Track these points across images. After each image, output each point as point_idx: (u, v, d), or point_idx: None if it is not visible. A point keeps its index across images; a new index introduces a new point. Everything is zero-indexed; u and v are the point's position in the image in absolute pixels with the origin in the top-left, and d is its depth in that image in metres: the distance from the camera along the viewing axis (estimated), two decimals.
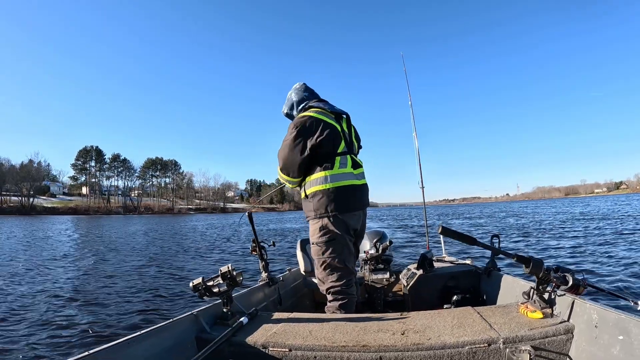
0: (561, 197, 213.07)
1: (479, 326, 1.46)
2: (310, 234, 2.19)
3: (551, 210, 34.72)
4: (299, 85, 2.40)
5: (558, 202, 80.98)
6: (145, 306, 4.82)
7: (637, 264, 6.49)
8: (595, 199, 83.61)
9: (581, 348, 1.32)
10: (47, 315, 4.44)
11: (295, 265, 3.28)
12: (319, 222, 2.10)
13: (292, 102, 2.36)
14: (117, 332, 3.74)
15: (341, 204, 2.09)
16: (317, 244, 2.12)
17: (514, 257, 1.49)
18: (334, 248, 2.10)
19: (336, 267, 2.11)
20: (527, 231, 14.39)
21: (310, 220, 2.16)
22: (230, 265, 1.74)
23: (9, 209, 73.48)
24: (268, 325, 1.69)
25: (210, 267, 8.45)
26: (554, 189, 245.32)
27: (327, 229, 2.08)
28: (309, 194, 2.13)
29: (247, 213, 2.66)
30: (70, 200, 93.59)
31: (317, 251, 2.14)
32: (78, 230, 25.41)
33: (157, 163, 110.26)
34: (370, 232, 3.07)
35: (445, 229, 1.54)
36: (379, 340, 1.42)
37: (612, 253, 7.80)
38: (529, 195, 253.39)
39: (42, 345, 3.43)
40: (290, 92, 2.40)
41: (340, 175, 2.12)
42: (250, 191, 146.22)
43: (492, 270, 2.45)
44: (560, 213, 27.33)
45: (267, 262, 2.65)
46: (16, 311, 4.67)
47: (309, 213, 2.16)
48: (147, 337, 1.45)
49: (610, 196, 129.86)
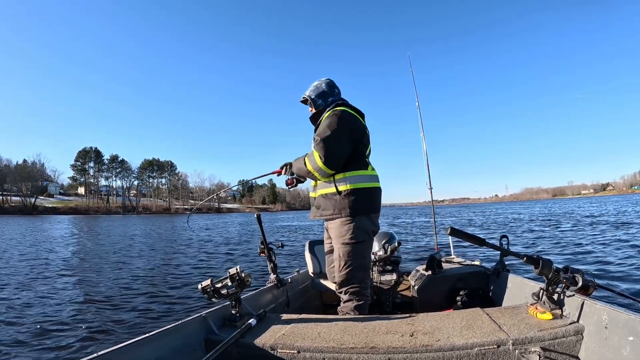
0: (549, 198, 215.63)
1: (488, 327, 1.46)
2: (338, 234, 2.10)
3: (550, 210, 34.94)
4: (329, 80, 2.34)
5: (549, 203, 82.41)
6: (153, 308, 4.81)
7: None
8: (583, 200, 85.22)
9: (591, 349, 1.32)
10: (56, 316, 4.42)
11: (303, 266, 3.26)
12: (353, 222, 2.06)
13: (323, 91, 2.28)
14: (126, 334, 3.72)
15: (374, 205, 2.13)
16: (349, 244, 2.06)
17: (523, 257, 1.49)
18: (364, 249, 2.10)
19: (361, 268, 2.11)
20: (535, 231, 14.53)
21: (339, 219, 2.08)
22: (238, 267, 1.74)
23: (12, 209, 74.02)
24: (276, 327, 1.69)
25: (214, 268, 8.40)
26: (541, 190, 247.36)
27: (361, 230, 2.07)
28: (342, 190, 2.06)
29: (256, 215, 2.65)
30: (69, 200, 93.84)
31: (347, 252, 2.07)
32: (84, 230, 25.47)
33: (154, 164, 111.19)
34: (378, 233, 3.08)
35: (454, 230, 1.55)
36: (387, 342, 1.42)
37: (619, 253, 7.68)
38: (518, 196, 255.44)
39: (50, 347, 3.41)
40: (321, 82, 2.32)
41: (373, 177, 2.16)
42: (242, 192, 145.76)
43: (501, 271, 2.44)
44: (562, 213, 27.37)
45: (275, 263, 2.63)
46: (19, 310, 4.67)
47: (339, 211, 2.07)
48: (156, 339, 1.45)
49: (597, 197, 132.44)
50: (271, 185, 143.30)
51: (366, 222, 2.10)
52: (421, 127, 4.19)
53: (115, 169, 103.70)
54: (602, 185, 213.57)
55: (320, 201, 2.18)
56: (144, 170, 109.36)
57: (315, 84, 2.33)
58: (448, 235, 1.60)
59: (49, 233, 21.21)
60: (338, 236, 2.11)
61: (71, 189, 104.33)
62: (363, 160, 2.16)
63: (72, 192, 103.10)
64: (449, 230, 1.57)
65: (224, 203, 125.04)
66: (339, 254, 2.12)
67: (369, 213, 2.11)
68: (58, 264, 9.06)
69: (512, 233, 13.88)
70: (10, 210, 73.24)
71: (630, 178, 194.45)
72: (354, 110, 2.20)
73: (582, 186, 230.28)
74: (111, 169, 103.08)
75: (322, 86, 2.30)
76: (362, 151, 2.16)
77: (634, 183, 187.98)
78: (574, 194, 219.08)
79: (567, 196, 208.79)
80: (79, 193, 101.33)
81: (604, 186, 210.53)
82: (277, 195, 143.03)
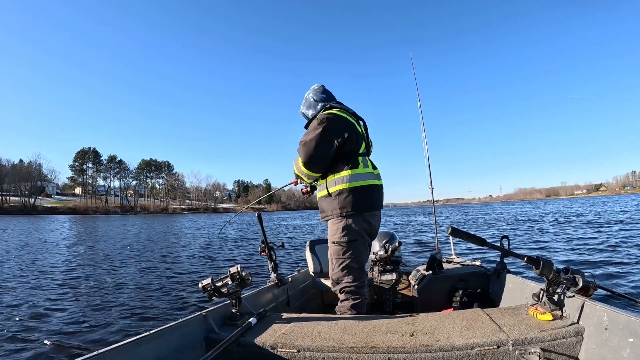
0: (542, 198, 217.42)
1: (488, 328, 1.46)
2: (330, 233, 2.14)
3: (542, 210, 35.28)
4: (318, 87, 2.38)
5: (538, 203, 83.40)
6: (154, 306, 4.80)
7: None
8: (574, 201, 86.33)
9: (591, 350, 1.32)
10: (56, 315, 4.40)
11: (304, 266, 3.26)
12: (343, 222, 2.07)
13: (311, 102, 2.34)
14: (126, 332, 3.71)
15: (366, 203, 2.10)
16: (339, 243, 2.08)
17: (524, 258, 1.49)
18: (355, 248, 2.09)
19: (354, 267, 2.10)
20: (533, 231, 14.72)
21: (332, 220, 2.11)
22: (239, 266, 1.74)
23: (12, 209, 74.00)
24: (277, 326, 1.69)
25: (214, 267, 8.37)
26: (535, 190, 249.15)
27: (350, 229, 2.07)
28: (332, 192, 2.08)
29: (257, 214, 2.64)
30: (67, 200, 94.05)
31: (337, 251, 2.10)
32: (86, 230, 25.54)
33: (152, 164, 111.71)
34: (379, 232, 3.07)
35: (455, 230, 1.55)
36: (387, 342, 1.42)
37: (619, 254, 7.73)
38: (511, 197, 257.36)
39: (50, 346, 3.39)
40: (308, 93, 2.38)
41: (364, 175, 2.13)
42: (238, 192, 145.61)
43: (501, 271, 2.43)
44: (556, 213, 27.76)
45: (276, 262, 2.63)
46: (23, 309, 4.66)
47: (331, 212, 2.10)
48: (156, 337, 1.45)
49: (589, 197, 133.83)
50: (266, 186, 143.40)
51: (358, 220, 2.08)
52: (423, 128, 4.17)
53: (113, 169, 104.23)
54: (595, 186, 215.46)
55: (320, 203, 2.21)
56: (141, 171, 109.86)
57: (305, 96, 2.39)
58: (449, 235, 1.60)
59: (57, 233, 21.27)
60: (330, 235, 2.14)
61: (68, 189, 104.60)
62: (354, 159, 2.13)
63: (69, 192, 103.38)
64: (449, 230, 1.56)
65: (220, 203, 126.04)
66: (330, 252, 2.15)
67: (363, 212, 2.08)
68: (60, 263, 9.09)
69: (483, 232, 15.20)
70: (10, 210, 73.21)
71: (623, 179, 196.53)
72: (343, 111, 2.20)
73: (575, 187, 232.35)
74: (109, 169, 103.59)
75: (309, 98, 2.36)
76: (352, 150, 2.14)
77: (626, 183, 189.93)
78: (567, 194, 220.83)
79: (560, 196, 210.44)
80: (75, 193, 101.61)
81: (597, 187, 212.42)
82: (272, 195, 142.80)
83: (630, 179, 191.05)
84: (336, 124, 2.10)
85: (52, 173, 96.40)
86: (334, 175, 2.11)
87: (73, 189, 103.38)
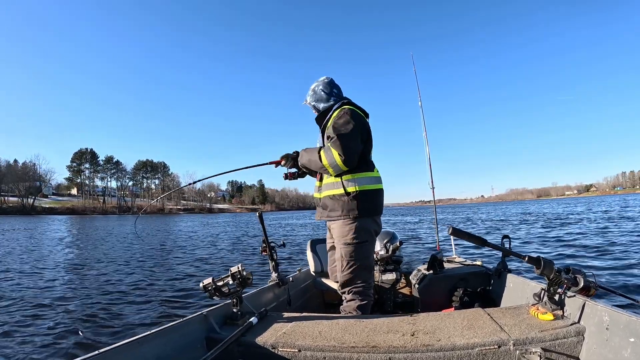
0: (533, 198, 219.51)
1: (489, 328, 1.46)
2: (340, 234, 2.09)
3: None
4: (327, 79, 2.30)
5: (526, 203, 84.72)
6: (155, 306, 4.78)
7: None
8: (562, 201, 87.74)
9: (592, 350, 1.32)
10: (57, 315, 4.38)
11: (305, 265, 3.25)
12: (356, 223, 2.05)
13: (321, 95, 2.26)
14: (127, 332, 3.70)
15: (379, 207, 2.14)
16: (351, 244, 2.05)
17: (525, 258, 1.49)
18: (367, 250, 2.10)
19: (365, 268, 2.10)
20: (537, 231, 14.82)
21: (344, 220, 2.06)
22: (240, 265, 1.74)
23: (10, 209, 73.85)
24: (278, 325, 1.68)
25: (214, 266, 8.36)
26: (526, 190, 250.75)
27: (364, 230, 2.06)
28: (351, 192, 2.03)
29: (258, 213, 2.62)
30: (65, 201, 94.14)
31: (349, 252, 2.06)
32: (86, 230, 25.62)
33: (148, 165, 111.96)
34: (380, 232, 3.07)
35: (456, 230, 1.55)
36: (388, 341, 1.42)
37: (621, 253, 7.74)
38: (503, 197, 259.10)
39: (50, 345, 3.37)
40: (317, 85, 2.29)
41: (378, 179, 2.16)
42: (232, 192, 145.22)
43: (502, 271, 2.43)
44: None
45: (277, 262, 2.62)
46: (23, 309, 4.64)
47: (347, 212, 2.05)
48: (157, 337, 1.44)
49: (579, 198, 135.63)
50: (260, 186, 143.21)
51: (370, 222, 2.10)
52: (424, 127, 4.15)
53: (110, 170, 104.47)
54: (585, 187, 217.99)
55: (327, 202, 2.14)
56: (138, 171, 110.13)
57: (313, 88, 2.29)
58: (449, 235, 1.60)
59: (59, 233, 21.40)
60: (340, 236, 2.09)
61: (64, 189, 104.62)
62: (370, 161, 2.16)
63: (66, 192, 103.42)
64: (450, 230, 1.56)
65: (214, 204, 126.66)
66: (341, 254, 2.10)
67: (374, 215, 2.12)
68: (61, 262, 9.11)
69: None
70: (9, 210, 73.01)
71: (613, 179, 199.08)
72: (359, 110, 2.20)
73: (565, 187, 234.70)
74: (106, 170, 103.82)
75: (318, 90, 2.27)
76: (368, 151, 2.16)
77: (616, 184, 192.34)
78: (558, 194, 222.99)
79: (551, 197, 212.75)
80: (72, 193, 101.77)
81: (587, 187, 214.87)
82: (266, 195, 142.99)
83: (620, 179, 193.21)
84: (363, 122, 2.11)
85: (49, 173, 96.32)
86: (352, 175, 2.07)
87: (69, 189, 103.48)
